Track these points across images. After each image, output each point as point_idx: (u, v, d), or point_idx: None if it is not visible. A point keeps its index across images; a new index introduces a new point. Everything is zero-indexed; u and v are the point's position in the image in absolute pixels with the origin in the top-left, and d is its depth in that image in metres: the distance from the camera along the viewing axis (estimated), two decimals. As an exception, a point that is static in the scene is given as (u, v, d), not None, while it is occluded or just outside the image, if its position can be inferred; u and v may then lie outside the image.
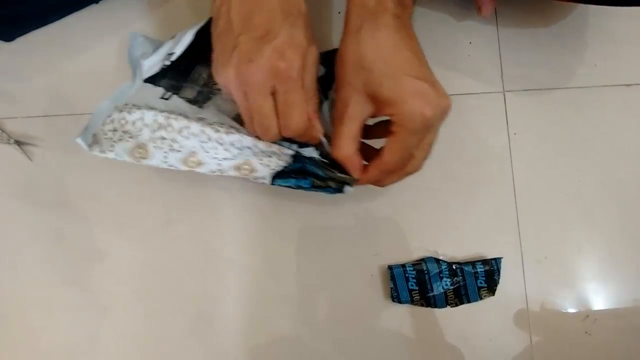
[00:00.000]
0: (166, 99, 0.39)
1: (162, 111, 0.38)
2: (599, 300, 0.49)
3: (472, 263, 0.47)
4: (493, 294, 0.47)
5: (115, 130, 0.38)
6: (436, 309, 0.47)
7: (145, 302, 0.47)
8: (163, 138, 0.38)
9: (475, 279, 0.47)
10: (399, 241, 0.48)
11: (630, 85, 0.51)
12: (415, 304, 0.47)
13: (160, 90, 0.40)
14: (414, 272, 0.46)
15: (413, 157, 0.37)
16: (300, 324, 0.47)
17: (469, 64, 0.50)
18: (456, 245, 0.48)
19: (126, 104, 0.39)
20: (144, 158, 0.38)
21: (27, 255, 0.47)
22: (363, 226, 0.48)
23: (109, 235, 0.48)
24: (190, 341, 0.47)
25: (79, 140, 0.39)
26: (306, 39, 0.34)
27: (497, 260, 0.47)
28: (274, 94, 0.34)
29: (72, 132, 0.48)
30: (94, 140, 0.39)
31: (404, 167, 0.38)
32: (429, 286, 0.46)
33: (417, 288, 0.46)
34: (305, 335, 0.47)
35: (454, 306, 0.47)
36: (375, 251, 0.48)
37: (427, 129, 0.35)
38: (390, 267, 0.47)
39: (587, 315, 0.48)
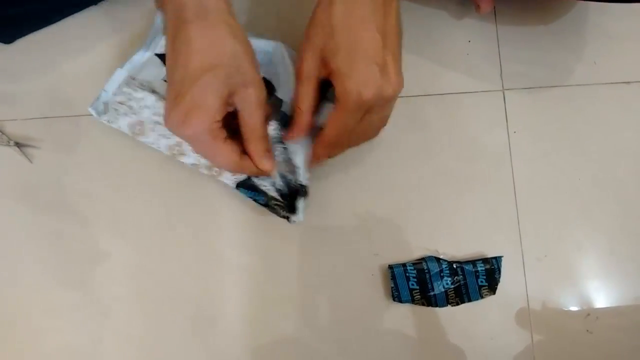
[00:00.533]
0: (166, 81, 0.40)
1: (162, 98, 0.42)
2: (600, 298, 0.49)
3: (473, 262, 0.47)
4: (494, 293, 0.47)
5: (122, 103, 0.43)
6: (437, 308, 0.47)
7: (146, 303, 0.47)
8: (157, 123, 0.43)
9: (476, 278, 0.47)
10: (399, 240, 0.48)
11: (630, 83, 0.50)
12: (416, 304, 0.47)
13: (164, 71, 0.42)
14: (415, 271, 0.46)
15: (354, 132, 0.38)
16: (300, 325, 0.47)
17: (467, 63, 0.50)
18: (456, 244, 0.48)
19: (134, 79, 0.43)
20: (141, 134, 0.43)
21: (27, 257, 0.47)
22: (363, 226, 0.48)
23: (109, 236, 0.48)
24: (191, 342, 0.47)
25: (91, 109, 0.43)
26: (219, 97, 0.34)
27: (497, 259, 0.47)
28: None
29: (72, 133, 0.48)
30: (104, 109, 0.43)
31: (345, 141, 0.40)
32: (429, 285, 0.46)
33: (417, 287, 0.46)
34: (306, 336, 0.47)
35: (454, 305, 0.47)
36: (375, 251, 0.48)
37: (365, 110, 0.36)
38: (390, 267, 0.47)
39: (589, 314, 0.48)
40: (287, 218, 0.44)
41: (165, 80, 0.43)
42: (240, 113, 0.36)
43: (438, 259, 0.47)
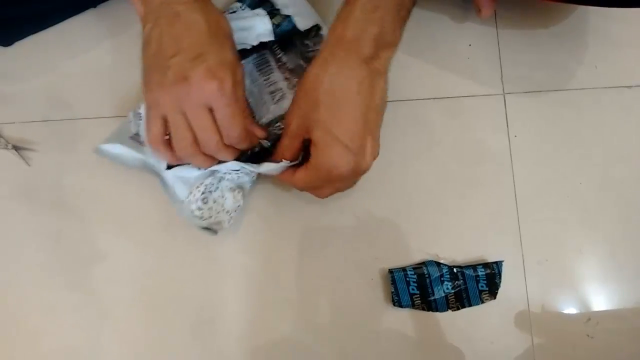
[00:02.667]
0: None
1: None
2: (601, 302, 0.49)
3: (474, 266, 0.47)
4: (494, 298, 0.47)
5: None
6: (437, 313, 0.47)
7: (146, 305, 0.47)
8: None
9: (476, 283, 0.46)
10: (400, 244, 0.48)
11: (631, 87, 0.50)
12: (417, 308, 0.46)
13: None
14: (415, 275, 0.46)
15: (320, 189, 0.40)
16: (300, 328, 0.47)
17: (468, 66, 0.50)
18: (457, 248, 0.48)
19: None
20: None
21: (26, 259, 0.47)
22: (363, 229, 0.48)
23: (108, 238, 0.47)
24: (191, 344, 0.47)
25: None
26: (234, 58, 0.37)
27: (498, 264, 0.47)
28: (210, 110, 0.36)
29: (70, 136, 0.48)
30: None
31: (312, 190, 0.41)
32: (430, 290, 0.46)
33: (418, 292, 0.46)
34: (305, 339, 0.47)
35: (455, 310, 0.47)
36: (375, 254, 0.48)
37: (334, 180, 0.38)
38: (391, 271, 0.46)
39: (589, 318, 0.48)
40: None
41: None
42: None
43: (438, 264, 0.47)
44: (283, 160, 0.40)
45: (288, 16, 0.45)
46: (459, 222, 0.48)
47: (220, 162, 0.41)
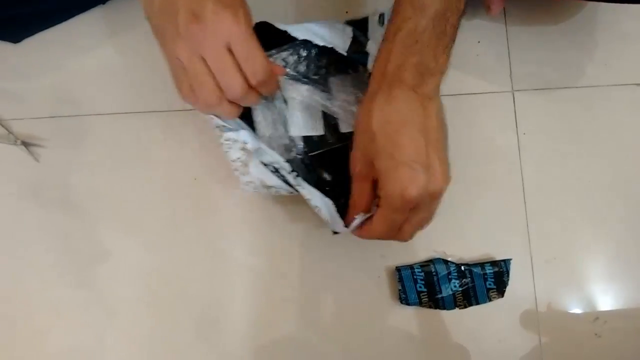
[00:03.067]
0: None
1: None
2: (609, 301, 0.48)
3: (481, 264, 0.47)
4: (502, 296, 0.47)
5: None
6: (444, 311, 0.47)
7: (151, 304, 0.47)
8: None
9: (484, 281, 0.46)
10: (406, 242, 0.48)
11: (641, 84, 0.50)
12: (424, 306, 0.46)
13: None
14: (422, 273, 0.46)
15: (401, 229, 0.38)
16: (306, 326, 0.47)
17: (477, 63, 0.50)
18: (464, 246, 0.48)
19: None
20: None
21: (33, 256, 0.47)
22: (370, 227, 0.48)
23: (115, 236, 0.47)
24: (196, 343, 0.47)
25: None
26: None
27: (506, 262, 0.47)
28: (229, 51, 0.34)
29: (78, 132, 0.48)
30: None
31: (394, 236, 0.38)
32: (437, 288, 0.46)
33: (425, 290, 0.46)
34: (312, 338, 0.47)
35: (462, 308, 0.47)
36: (382, 252, 0.48)
37: (410, 209, 0.36)
38: (398, 269, 0.46)
39: (597, 317, 0.48)
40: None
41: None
42: None
43: (446, 261, 0.47)
44: (360, 214, 0.38)
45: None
46: (466, 220, 0.48)
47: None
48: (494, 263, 0.47)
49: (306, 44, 0.44)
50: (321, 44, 0.44)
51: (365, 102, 0.37)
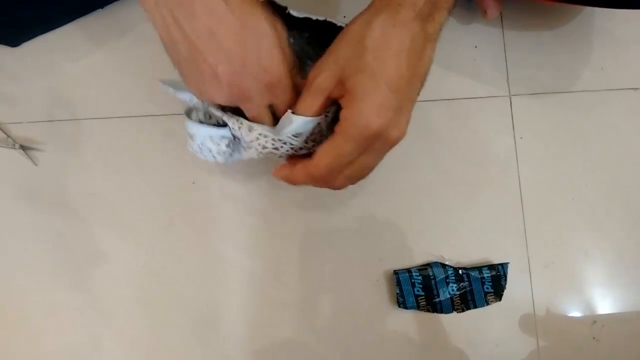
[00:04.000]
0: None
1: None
2: (607, 305, 0.48)
3: (479, 268, 0.47)
4: (500, 300, 0.47)
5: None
6: (442, 315, 0.47)
7: (147, 305, 0.47)
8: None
9: (481, 284, 0.46)
10: (404, 246, 0.48)
11: (637, 89, 0.50)
12: (422, 310, 0.46)
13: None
14: (420, 277, 0.46)
15: (340, 172, 0.34)
16: (304, 329, 0.47)
17: (474, 68, 0.50)
18: (462, 250, 0.48)
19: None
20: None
21: (30, 258, 0.47)
22: (367, 230, 0.48)
23: (112, 238, 0.47)
24: (193, 345, 0.47)
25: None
26: (270, 24, 0.31)
27: (503, 266, 0.47)
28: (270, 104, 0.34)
29: (76, 136, 0.48)
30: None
31: (331, 179, 0.35)
32: (435, 292, 0.46)
33: (423, 293, 0.46)
34: (309, 341, 0.47)
35: (460, 312, 0.47)
36: (380, 256, 0.48)
37: (364, 144, 0.32)
38: (396, 272, 0.46)
39: (595, 321, 0.48)
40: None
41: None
42: None
43: (444, 265, 0.47)
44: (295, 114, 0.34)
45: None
46: (464, 224, 0.48)
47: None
48: (491, 267, 0.47)
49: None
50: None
51: (365, 13, 0.33)
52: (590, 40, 0.51)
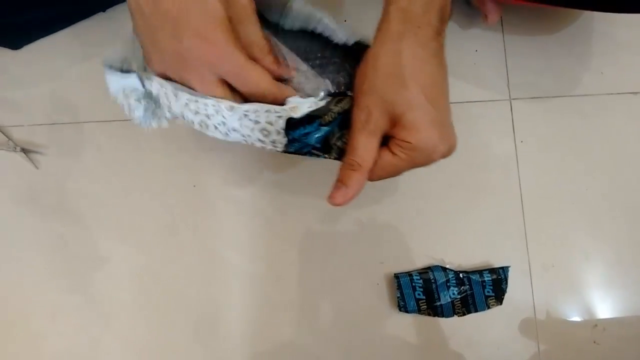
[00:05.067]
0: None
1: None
2: (608, 308, 0.48)
3: (480, 272, 0.47)
4: (500, 303, 0.47)
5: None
6: (443, 318, 0.47)
7: (148, 308, 0.47)
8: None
9: (482, 288, 0.46)
10: (405, 249, 0.48)
11: (637, 93, 0.50)
12: (422, 314, 0.46)
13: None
14: (421, 280, 0.46)
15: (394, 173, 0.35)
16: (304, 332, 0.47)
17: (475, 72, 0.50)
18: (463, 253, 0.48)
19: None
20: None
21: (31, 261, 0.47)
22: (368, 234, 0.48)
23: (113, 241, 0.47)
24: (193, 347, 0.47)
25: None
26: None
27: (504, 269, 0.47)
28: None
29: (77, 139, 0.48)
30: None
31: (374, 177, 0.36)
32: (436, 295, 0.46)
33: (424, 297, 0.46)
34: (309, 344, 0.47)
35: (461, 315, 0.47)
36: (380, 259, 0.48)
37: (427, 163, 0.34)
38: (397, 276, 0.46)
39: (596, 324, 0.48)
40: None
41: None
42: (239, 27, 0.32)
43: (444, 269, 0.47)
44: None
45: None
46: (465, 228, 0.48)
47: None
48: (492, 270, 0.47)
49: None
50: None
51: (387, 42, 0.32)
52: (590, 44, 0.51)
